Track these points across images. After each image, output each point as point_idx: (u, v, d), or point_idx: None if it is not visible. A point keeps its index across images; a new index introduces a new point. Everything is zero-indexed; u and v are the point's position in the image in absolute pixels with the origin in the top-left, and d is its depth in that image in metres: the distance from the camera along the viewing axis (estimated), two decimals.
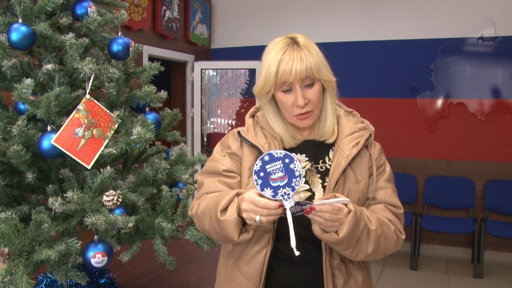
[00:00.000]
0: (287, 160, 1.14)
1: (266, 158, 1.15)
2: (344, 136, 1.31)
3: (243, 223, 1.18)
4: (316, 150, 1.32)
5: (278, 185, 1.12)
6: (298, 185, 1.12)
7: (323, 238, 1.17)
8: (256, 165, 1.15)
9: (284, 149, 1.30)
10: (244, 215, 1.13)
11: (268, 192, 1.12)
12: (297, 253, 1.07)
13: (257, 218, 1.10)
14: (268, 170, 1.14)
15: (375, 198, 1.29)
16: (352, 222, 1.13)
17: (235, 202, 1.17)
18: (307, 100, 1.24)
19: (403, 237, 1.29)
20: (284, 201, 1.11)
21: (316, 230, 1.16)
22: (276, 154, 1.15)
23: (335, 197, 1.14)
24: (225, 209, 1.17)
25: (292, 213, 1.11)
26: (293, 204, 1.10)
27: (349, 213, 1.14)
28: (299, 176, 1.13)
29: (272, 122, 1.32)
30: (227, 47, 5.35)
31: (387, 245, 1.24)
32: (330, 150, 1.32)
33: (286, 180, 1.13)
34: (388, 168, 1.35)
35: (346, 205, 1.14)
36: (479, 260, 4.15)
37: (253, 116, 1.40)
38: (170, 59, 4.78)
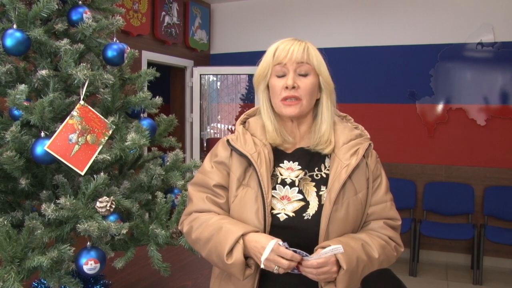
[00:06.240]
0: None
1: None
2: (341, 144, 1.29)
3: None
4: (310, 158, 1.30)
5: None
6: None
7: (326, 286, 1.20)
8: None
9: (275, 152, 1.30)
10: (265, 263, 1.15)
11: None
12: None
13: (276, 267, 1.14)
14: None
15: (375, 213, 1.28)
16: (345, 279, 1.15)
17: (240, 244, 1.17)
18: (297, 85, 1.24)
19: (402, 249, 1.30)
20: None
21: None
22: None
23: (324, 247, 1.15)
24: (230, 251, 1.18)
25: (291, 271, 1.17)
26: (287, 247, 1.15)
27: (340, 266, 1.15)
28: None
29: (264, 114, 1.32)
30: (226, 52, 5.35)
31: (388, 264, 1.27)
32: (326, 157, 1.30)
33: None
34: (384, 178, 1.33)
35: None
36: (479, 266, 4.12)
37: (244, 122, 1.37)
38: (169, 64, 4.79)
